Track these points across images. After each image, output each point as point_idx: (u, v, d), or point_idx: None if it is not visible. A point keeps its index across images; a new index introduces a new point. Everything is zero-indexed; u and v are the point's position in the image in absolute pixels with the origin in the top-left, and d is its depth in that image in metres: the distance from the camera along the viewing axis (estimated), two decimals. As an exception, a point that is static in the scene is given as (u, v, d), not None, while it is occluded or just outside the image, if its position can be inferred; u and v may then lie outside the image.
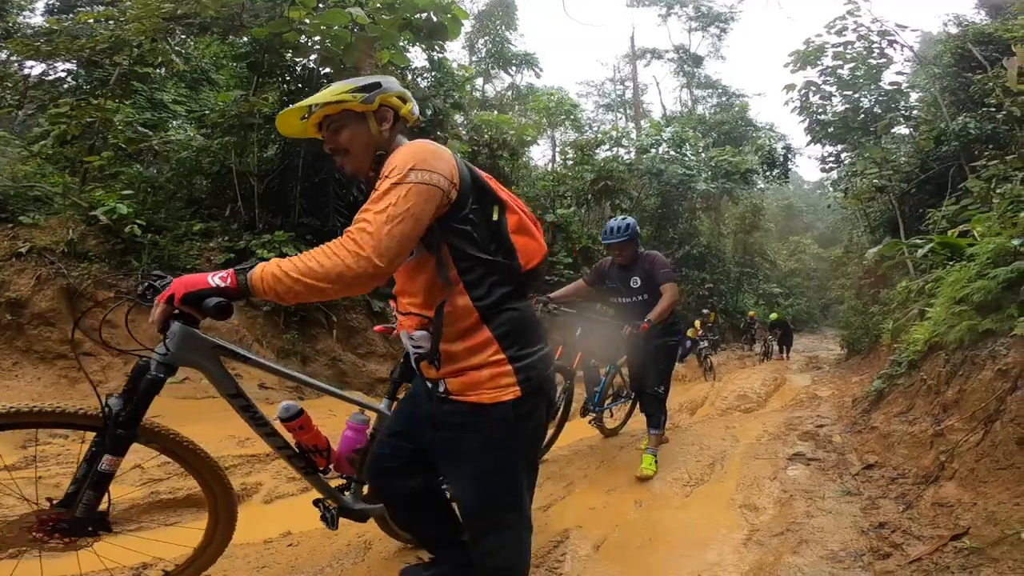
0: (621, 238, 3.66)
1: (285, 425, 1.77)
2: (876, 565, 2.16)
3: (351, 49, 6.35)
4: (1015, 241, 3.20)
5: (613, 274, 3.88)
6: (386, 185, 1.14)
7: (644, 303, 3.65)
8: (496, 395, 1.28)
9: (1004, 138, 8.43)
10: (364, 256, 1.06)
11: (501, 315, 1.31)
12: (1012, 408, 2.45)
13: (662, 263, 3.72)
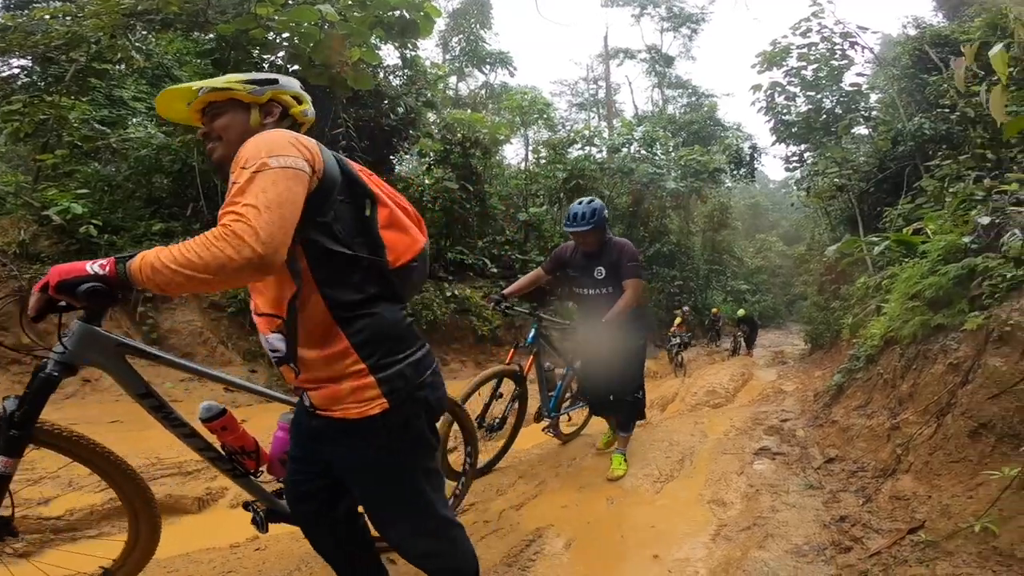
0: (586, 226, 3.26)
1: (206, 426, 1.69)
2: (838, 559, 2.21)
3: (320, 46, 6.21)
4: (965, 239, 3.33)
5: (576, 262, 3.48)
6: (246, 175, 1.08)
7: (609, 297, 3.30)
8: (362, 410, 1.22)
9: (957, 138, 8.76)
10: (246, 245, 1.00)
11: (359, 320, 1.24)
12: (963, 401, 2.54)
13: (631, 254, 3.34)
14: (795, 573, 2.14)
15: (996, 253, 2.89)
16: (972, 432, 2.33)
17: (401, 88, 10.16)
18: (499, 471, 3.85)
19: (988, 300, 2.71)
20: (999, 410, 2.21)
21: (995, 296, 2.66)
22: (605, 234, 3.39)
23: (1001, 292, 2.63)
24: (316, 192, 1.17)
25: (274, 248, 1.03)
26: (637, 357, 3.68)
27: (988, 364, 2.44)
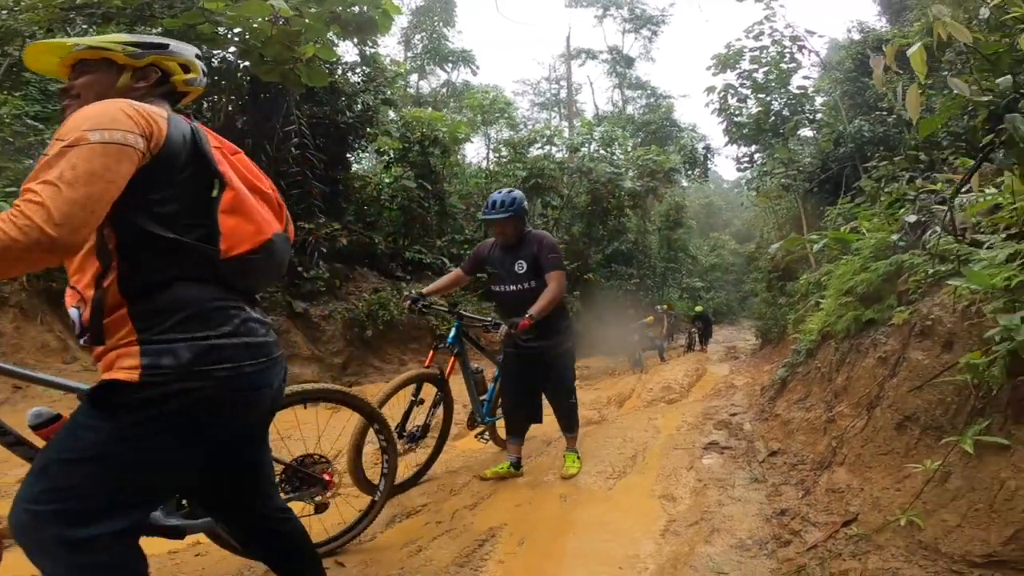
0: (502, 213, 3.12)
1: (37, 433, 1.56)
2: (779, 552, 2.29)
3: (272, 42, 5.99)
4: (894, 236, 3.52)
5: (495, 258, 3.32)
6: (57, 148, 0.99)
7: (531, 292, 3.12)
8: (109, 374, 1.10)
9: (894, 140, 9.21)
10: (34, 226, 0.91)
11: (151, 294, 1.13)
12: (890, 394, 2.67)
13: (551, 246, 3.20)
14: (739, 567, 2.20)
15: (921, 250, 3.06)
16: (899, 424, 2.45)
17: (359, 85, 9.96)
18: (454, 472, 3.82)
19: (913, 295, 2.87)
20: (922, 402, 2.33)
21: (919, 291, 2.82)
22: (524, 225, 3.26)
23: (924, 288, 2.78)
24: (150, 168, 1.09)
25: (71, 229, 0.95)
26: (570, 360, 3.54)
27: (911, 357, 2.58)
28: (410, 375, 3.26)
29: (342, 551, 2.44)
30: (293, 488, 2.07)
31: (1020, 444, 1.68)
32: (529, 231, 3.29)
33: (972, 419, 1.87)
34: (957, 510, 1.83)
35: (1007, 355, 1.64)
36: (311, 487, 2.11)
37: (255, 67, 6.39)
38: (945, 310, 2.42)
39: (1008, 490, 1.66)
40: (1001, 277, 1.72)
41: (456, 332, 3.45)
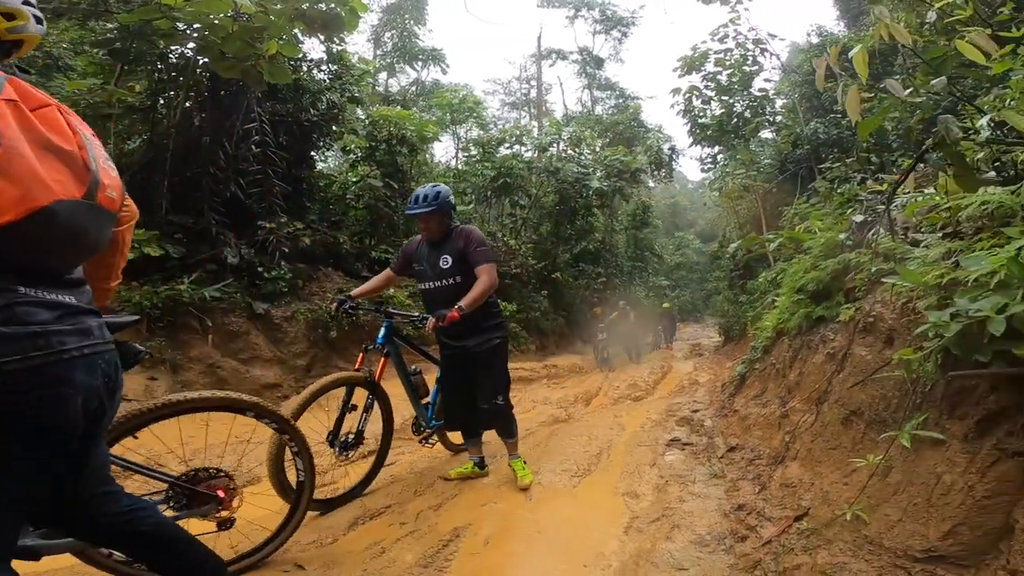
0: (425, 208, 3.03)
1: None
2: (736, 548, 2.35)
3: (233, 38, 5.80)
4: (842, 235, 3.67)
5: (421, 254, 3.23)
6: None
7: (457, 288, 3.03)
8: None
9: (847, 142, 9.57)
10: None
11: None
12: (837, 389, 2.78)
13: (478, 239, 3.11)
14: (698, 563, 2.26)
15: (866, 249, 3.19)
16: (845, 419, 2.55)
17: (325, 83, 9.74)
18: (419, 472, 3.80)
19: (859, 293, 2.99)
20: (866, 397, 2.43)
21: (863, 289, 2.95)
22: (450, 221, 3.19)
23: (868, 285, 2.91)
24: None
25: None
26: (498, 356, 3.32)
27: (856, 353, 2.69)
28: (332, 379, 3.04)
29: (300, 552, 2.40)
30: (180, 506, 1.93)
31: (954, 438, 1.74)
32: (456, 226, 3.20)
33: (911, 414, 1.95)
34: (898, 504, 1.89)
35: (939, 351, 1.70)
36: (203, 504, 1.97)
37: (214, 64, 6.16)
38: (886, 307, 2.54)
39: (944, 485, 1.72)
40: (933, 275, 1.79)
41: (386, 332, 3.26)
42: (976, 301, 1.44)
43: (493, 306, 3.30)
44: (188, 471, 1.99)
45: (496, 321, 3.30)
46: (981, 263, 1.47)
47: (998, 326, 1.35)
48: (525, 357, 11.14)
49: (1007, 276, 1.40)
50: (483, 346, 3.19)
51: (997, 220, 1.87)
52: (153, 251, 6.46)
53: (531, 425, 5.31)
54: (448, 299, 2.95)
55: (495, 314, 3.32)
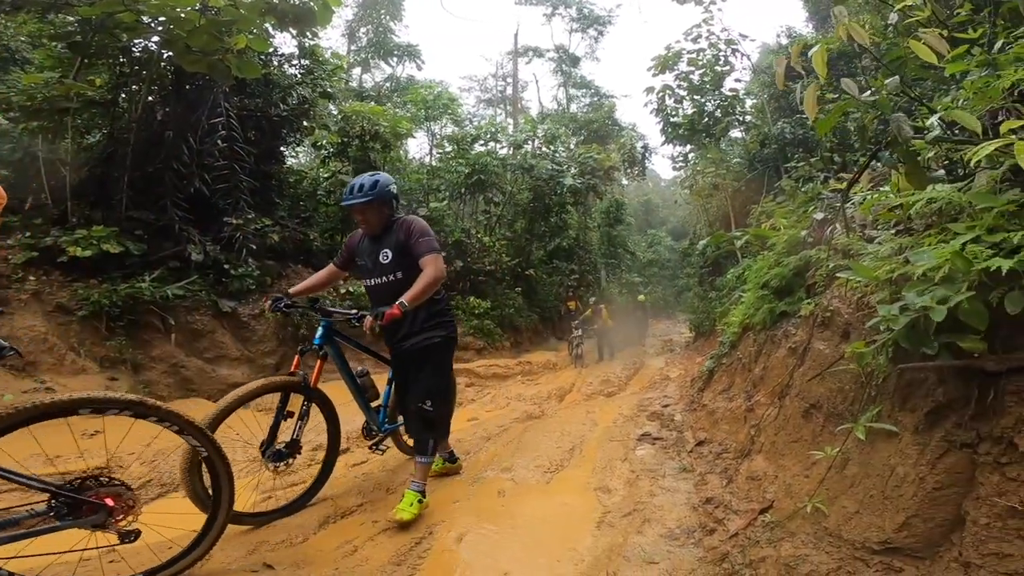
0: (360, 198, 2.80)
1: None
2: (705, 541, 2.40)
3: (199, 32, 5.62)
4: (803, 233, 3.78)
5: (363, 249, 3.03)
6: None
7: (399, 284, 2.81)
8: None
9: (812, 142, 9.88)
10: None
11: None
12: (798, 383, 2.86)
13: (420, 229, 2.86)
14: (668, 557, 2.30)
15: (825, 246, 3.29)
16: (805, 412, 2.62)
17: (296, 78, 9.58)
18: (391, 470, 3.76)
19: (818, 288, 3.09)
20: (825, 391, 2.51)
21: (822, 285, 3.04)
22: (391, 212, 2.94)
23: (826, 281, 3.00)
24: None
25: None
26: (436, 356, 2.99)
27: (815, 347, 2.78)
28: (259, 385, 2.77)
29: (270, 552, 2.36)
30: (61, 515, 1.77)
31: (906, 430, 1.79)
32: (398, 217, 2.96)
33: (865, 406, 2.02)
34: (855, 497, 1.93)
35: (889, 344, 1.76)
36: (91, 514, 1.81)
37: (179, 58, 5.97)
38: (843, 302, 2.62)
39: (897, 476, 1.76)
40: (884, 270, 1.84)
41: (324, 332, 2.98)
42: (922, 295, 1.50)
43: (439, 302, 3.04)
44: (74, 479, 1.84)
45: (440, 319, 3.01)
46: (928, 258, 1.54)
47: (939, 315, 1.41)
48: (499, 354, 11.15)
49: (951, 270, 1.46)
50: (419, 344, 2.93)
51: (945, 217, 1.95)
52: (112, 248, 6.24)
53: (505, 422, 5.33)
54: (391, 297, 2.70)
55: (440, 311, 3.04)
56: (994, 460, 1.46)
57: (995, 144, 1.43)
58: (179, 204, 7.25)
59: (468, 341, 10.96)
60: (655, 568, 2.20)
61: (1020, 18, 2.19)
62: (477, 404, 6.57)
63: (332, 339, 3.06)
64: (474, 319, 11.43)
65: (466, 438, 4.60)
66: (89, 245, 6.12)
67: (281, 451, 2.82)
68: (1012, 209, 1.53)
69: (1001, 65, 1.84)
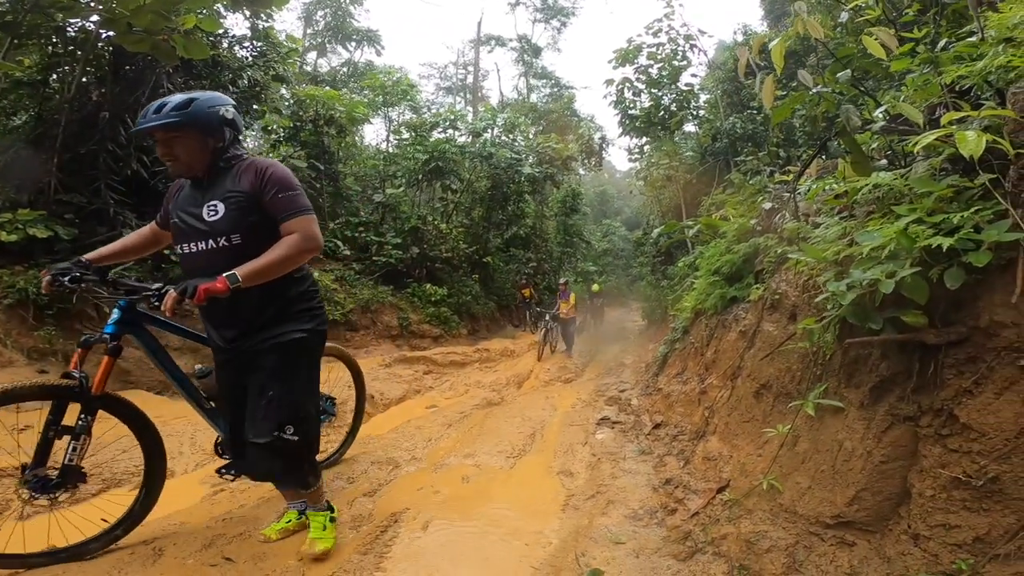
0: (159, 121, 1.86)
1: None
2: (667, 520, 2.47)
3: (143, 11, 5.22)
4: (752, 221, 3.95)
5: (181, 200, 2.05)
6: None
7: (234, 253, 1.90)
8: None
9: (760, 137, 10.31)
10: None
11: None
12: (748, 364, 3.00)
13: (281, 179, 1.94)
14: (634, 536, 2.36)
15: (773, 233, 3.45)
16: (756, 392, 2.75)
17: (247, 60, 9.17)
18: (351, 460, 3.68)
19: (766, 274, 3.24)
20: (774, 370, 2.63)
21: (770, 270, 3.19)
22: (221, 147, 1.97)
23: (774, 266, 3.15)
24: None
25: None
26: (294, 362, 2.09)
27: (764, 329, 2.91)
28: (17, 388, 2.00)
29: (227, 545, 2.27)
30: None
31: (852, 406, 1.87)
32: (240, 156, 2.02)
33: (813, 384, 2.13)
34: (807, 472, 2.01)
35: (836, 320, 1.85)
36: None
37: (121, 38, 5.56)
38: (790, 285, 2.76)
39: (846, 451, 1.83)
40: (831, 251, 1.94)
41: (121, 315, 2.10)
42: (868, 271, 1.59)
43: (303, 282, 2.13)
44: None
45: (305, 306, 2.13)
46: (874, 237, 1.63)
47: (887, 287, 1.49)
48: (456, 341, 11.11)
49: (897, 248, 1.55)
50: (271, 341, 2.02)
51: (886, 203, 2.07)
52: (40, 232, 5.80)
53: (465, 408, 5.33)
54: (218, 266, 1.79)
55: (305, 294, 2.14)
56: (935, 432, 1.55)
57: (936, 134, 1.52)
58: (114, 187, 6.83)
59: (425, 329, 10.86)
60: (622, 548, 2.26)
61: (963, 19, 2.34)
62: (436, 392, 6.53)
63: (140, 326, 2.19)
64: (431, 306, 11.31)
65: (427, 425, 4.57)
66: (14, 229, 5.67)
67: (50, 479, 2.01)
68: (950, 194, 1.64)
69: (943, 63, 1.95)
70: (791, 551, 1.86)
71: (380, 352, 9.00)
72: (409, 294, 11.13)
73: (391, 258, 11.17)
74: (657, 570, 2.07)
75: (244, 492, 3.01)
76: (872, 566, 1.64)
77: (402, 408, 5.58)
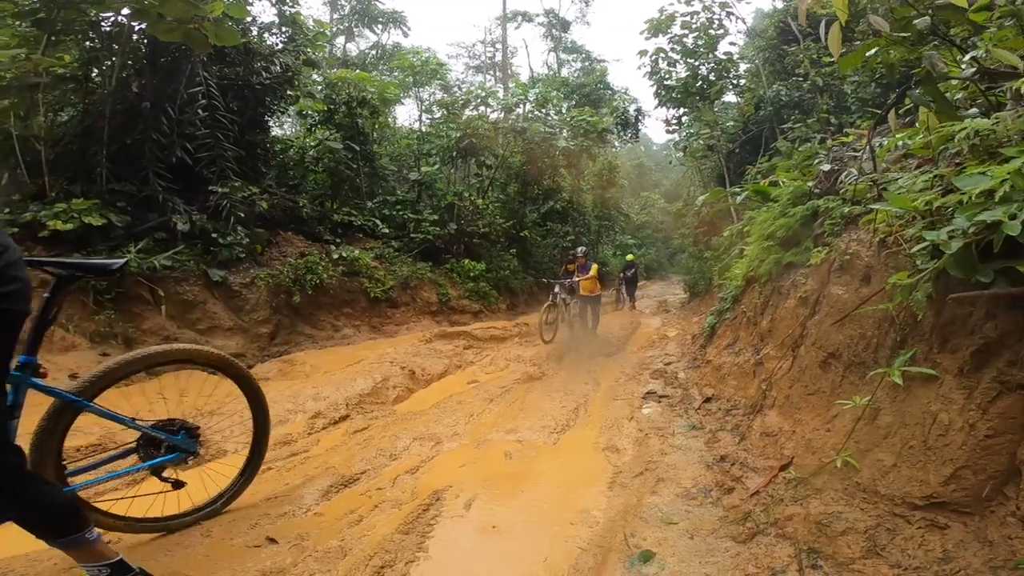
0: None
1: None
2: (723, 500, 2.31)
3: (172, 1, 5.26)
4: (809, 183, 3.67)
5: None
6: None
7: None
8: None
9: (808, 104, 9.80)
10: None
11: None
12: (812, 332, 2.76)
13: None
14: (687, 516, 2.22)
15: (835, 195, 3.19)
16: (823, 362, 2.51)
17: (277, 46, 9.25)
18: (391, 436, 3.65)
19: (828, 236, 2.98)
20: (844, 338, 2.39)
21: (834, 232, 2.93)
22: None
23: (839, 228, 2.89)
24: None
25: None
26: None
27: (832, 293, 2.65)
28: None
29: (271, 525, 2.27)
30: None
31: (947, 374, 1.65)
32: None
33: (894, 351, 1.91)
34: (891, 449, 1.80)
35: (933, 274, 1.62)
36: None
37: (152, 28, 5.64)
38: (862, 244, 2.50)
39: (941, 424, 1.62)
40: (922, 200, 1.71)
41: None
42: (977, 216, 1.35)
43: None
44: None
45: None
46: (981, 180, 1.39)
47: (1013, 228, 1.26)
48: (496, 316, 11.09)
49: (1011, 191, 1.32)
50: None
51: (983, 149, 1.81)
52: (95, 221, 6.04)
53: (506, 383, 5.26)
54: None
55: None
56: (1056, 401, 1.34)
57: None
58: (161, 174, 7.03)
59: (464, 304, 10.87)
60: (674, 528, 2.13)
61: None
62: (477, 367, 6.49)
63: None
64: (469, 282, 11.31)
65: (468, 400, 4.53)
66: (71, 219, 5.92)
67: None
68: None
69: None
70: (871, 534, 1.68)
71: (420, 328, 9.05)
72: (448, 270, 11.14)
73: (429, 235, 11.18)
74: (714, 552, 1.93)
75: (290, 471, 3.03)
76: (970, 551, 1.45)
77: (443, 384, 5.56)
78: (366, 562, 1.97)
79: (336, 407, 4.21)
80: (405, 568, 1.94)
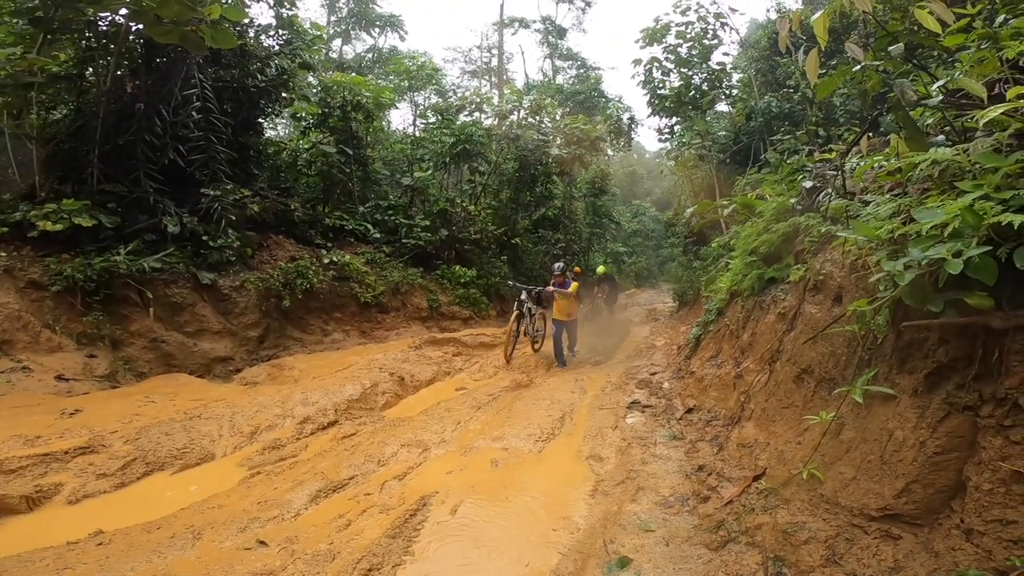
0: None
1: None
2: (699, 508, 2.41)
3: (169, 2, 5.28)
4: (792, 200, 3.78)
5: None
6: None
7: None
8: None
9: (798, 116, 9.95)
10: None
11: None
12: (788, 347, 2.87)
13: None
14: (664, 524, 2.31)
15: (815, 212, 3.30)
16: (796, 377, 2.62)
17: (273, 48, 9.27)
18: (378, 443, 3.73)
19: (807, 254, 3.09)
20: (816, 355, 2.50)
21: (812, 250, 3.04)
22: None
23: (817, 246, 3.00)
24: None
25: None
26: None
27: (806, 311, 2.77)
28: None
29: (261, 528, 2.33)
30: None
31: (904, 393, 1.75)
32: None
33: (861, 370, 2.01)
34: (852, 462, 1.90)
35: (891, 302, 1.72)
36: None
37: (149, 29, 5.66)
38: (835, 265, 2.61)
39: (896, 441, 1.72)
40: (885, 229, 1.81)
41: None
42: (927, 250, 1.46)
43: None
44: None
45: None
46: (936, 214, 1.50)
47: (954, 267, 1.37)
48: (486, 323, 11.14)
49: (961, 225, 1.43)
50: None
51: (945, 179, 1.93)
52: (84, 221, 6.01)
53: (494, 390, 5.33)
54: None
55: None
56: (997, 423, 1.44)
57: (1003, 107, 1.41)
58: (153, 176, 7.02)
59: (454, 310, 10.91)
60: (651, 536, 2.22)
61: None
62: (465, 373, 6.55)
63: None
64: (460, 288, 11.35)
65: (456, 407, 4.59)
66: (60, 219, 5.89)
67: None
68: (1018, 169, 1.50)
69: (1002, 39, 1.81)
70: (831, 543, 1.78)
71: (410, 333, 9.08)
72: (438, 276, 11.18)
73: (420, 240, 11.22)
74: (688, 559, 2.02)
75: (279, 475, 3.08)
76: (918, 561, 1.56)
77: (432, 390, 5.63)
78: (354, 565, 2.03)
79: (325, 412, 4.26)
80: (392, 571, 2.01)
